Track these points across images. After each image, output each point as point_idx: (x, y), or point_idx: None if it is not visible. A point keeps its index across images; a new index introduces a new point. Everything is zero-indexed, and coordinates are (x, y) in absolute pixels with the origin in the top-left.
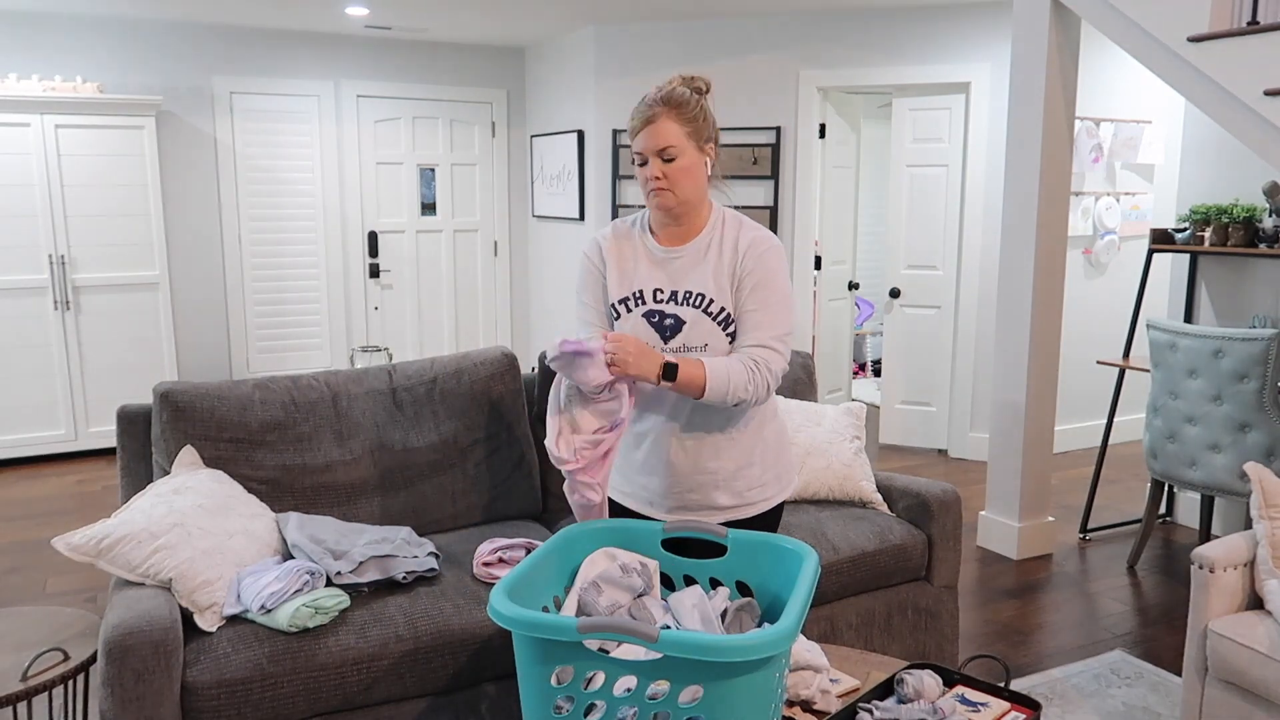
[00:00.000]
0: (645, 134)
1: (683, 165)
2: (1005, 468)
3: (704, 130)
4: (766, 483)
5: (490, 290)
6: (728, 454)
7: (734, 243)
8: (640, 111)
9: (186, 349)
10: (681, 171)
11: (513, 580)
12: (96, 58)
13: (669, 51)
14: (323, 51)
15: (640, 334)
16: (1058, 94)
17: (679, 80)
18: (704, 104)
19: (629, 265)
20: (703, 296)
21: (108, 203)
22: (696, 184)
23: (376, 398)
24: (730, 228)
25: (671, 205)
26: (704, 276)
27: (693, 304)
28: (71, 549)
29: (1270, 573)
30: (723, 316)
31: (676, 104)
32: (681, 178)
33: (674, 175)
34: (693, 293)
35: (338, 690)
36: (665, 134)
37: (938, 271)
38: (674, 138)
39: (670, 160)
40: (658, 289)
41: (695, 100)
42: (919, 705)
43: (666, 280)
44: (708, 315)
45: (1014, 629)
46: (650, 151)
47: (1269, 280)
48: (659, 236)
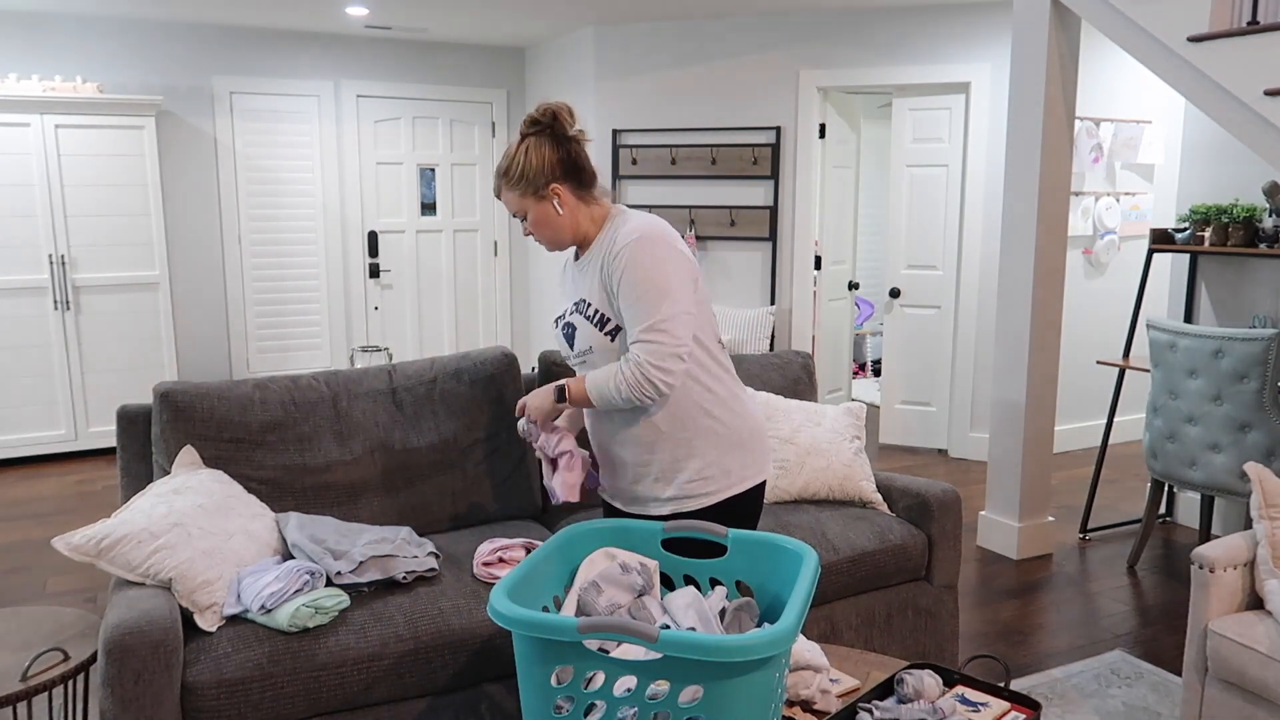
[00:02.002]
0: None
1: (533, 219)
2: (1005, 468)
3: (536, 180)
4: (710, 477)
5: (490, 290)
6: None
7: (608, 247)
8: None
9: (186, 349)
10: (535, 225)
11: (513, 580)
12: (96, 58)
13: (669, 51)
14: (323, 51)
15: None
16: (1058, 94)
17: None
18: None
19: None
20: (586, 302)
21: (108, 203)
22: (553, 226)
23: (376, 398)
24: (607, 233)
25: (549, 249)
26: (590, 284)
27: (581, 311)
28: (71, 549)
29: (1270, 573)
30: (598, 319)
31: (503, 171)
32: (538, 229)
33: (533, 230)
34: (581, 300)
35: (338, 690)
36: (509, 202)
37: (938, 271)
38: (514, 203)
39: (525, 219)
40: (570, 304)
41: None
42: (919, 705)
43: (574, 291)
44: (588, 320)
45: (1014, 629)
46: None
47: (1269, 280)
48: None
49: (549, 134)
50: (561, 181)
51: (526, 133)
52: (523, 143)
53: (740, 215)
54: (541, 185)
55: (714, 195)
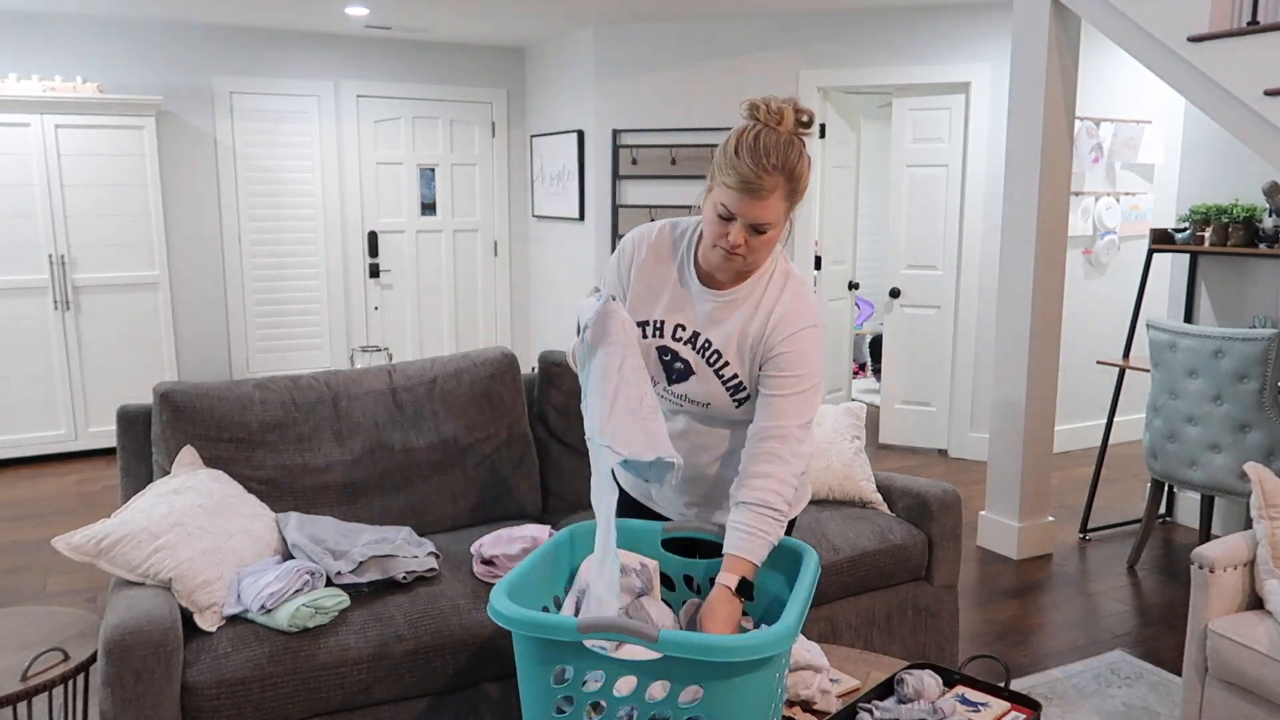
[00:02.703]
0: (746, 203)
1: (769, 237)
2: (1005, 468)
3: (802, 197)
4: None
5: (490, 290)
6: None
7: (768, 312)
8: (749, 170)
9: (186, 349)
10: (765, 243)
11: (513, 580)
12: (96, 58)
13: (669, 51)
14: (323, 51)
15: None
16: (1058, 94)
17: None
18: (806, 150)
19: (658, 285)
20: (719, 355)
21: (108, 203)
22: (769, 254)
23: (376, 398)
24: (774, 288)
25: (740, 269)
26: (728, 336)
27: (708, 360)
28: (71, 549)
29: (1270, 573)
30: (734, 384)
31: (793, 174)
32: (762, 248)
33: (757, 246)
34: (711, 345)
35: (338, 690)
36: (768, 211)
37: (938, 271)
38: (774, 215)
39: (761, 233)
40: (680, 325)
41: (805, 161)
42: (919, 705)
43: (692, 319)
44: (719, 377)
45: (1014, 629)
46: (742, 218)
47: (1269, 280)
48: (702, 272)
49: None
50: None
51: (806, 133)
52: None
53: None
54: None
55: None
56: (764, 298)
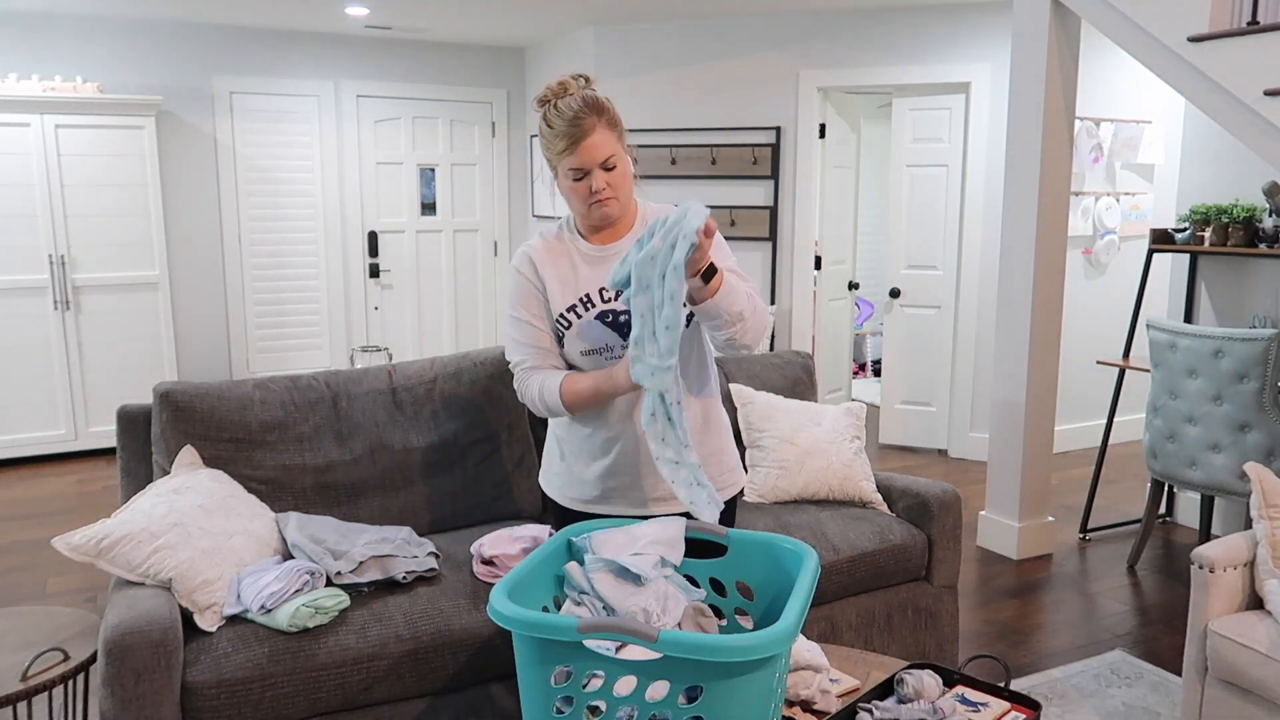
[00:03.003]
0: (583, 148)
1: (621, 171)
2: (1005, 468)
3: (624, 133)
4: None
5: (490, 290)
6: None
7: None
8: (565, 127)
9: (186, 349)
10: (622, 177)
11: (513, 580)
12: (96, 58)
13: (669, 51)
14: (323, 51)
15: (598, 336)
16: (1058, 94)
17: (574, 84)
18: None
19: (566, 273)
20: None
21: (108, 203)
22: (630, 185)
23: (376, 398)
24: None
25: (616, 212)
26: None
27: None
28: (71, 549)
29: (1270, 573)
30: None
31: (602, 109)
32: (622, 184)
33: (615, 183)
34: None
35: (338, 690)
36: (603, 144)
37: (938, 271)
38: (610, 145)
39: (611, 169)
40: (602, 289)
41: (606, 102)
42: (919, 705)
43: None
44: None
45: (1014, 629)
46: (592, 165)
47: (1269, 280)
48: (590, 238)
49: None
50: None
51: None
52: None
53: (740, 215)
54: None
55: (714, 195)
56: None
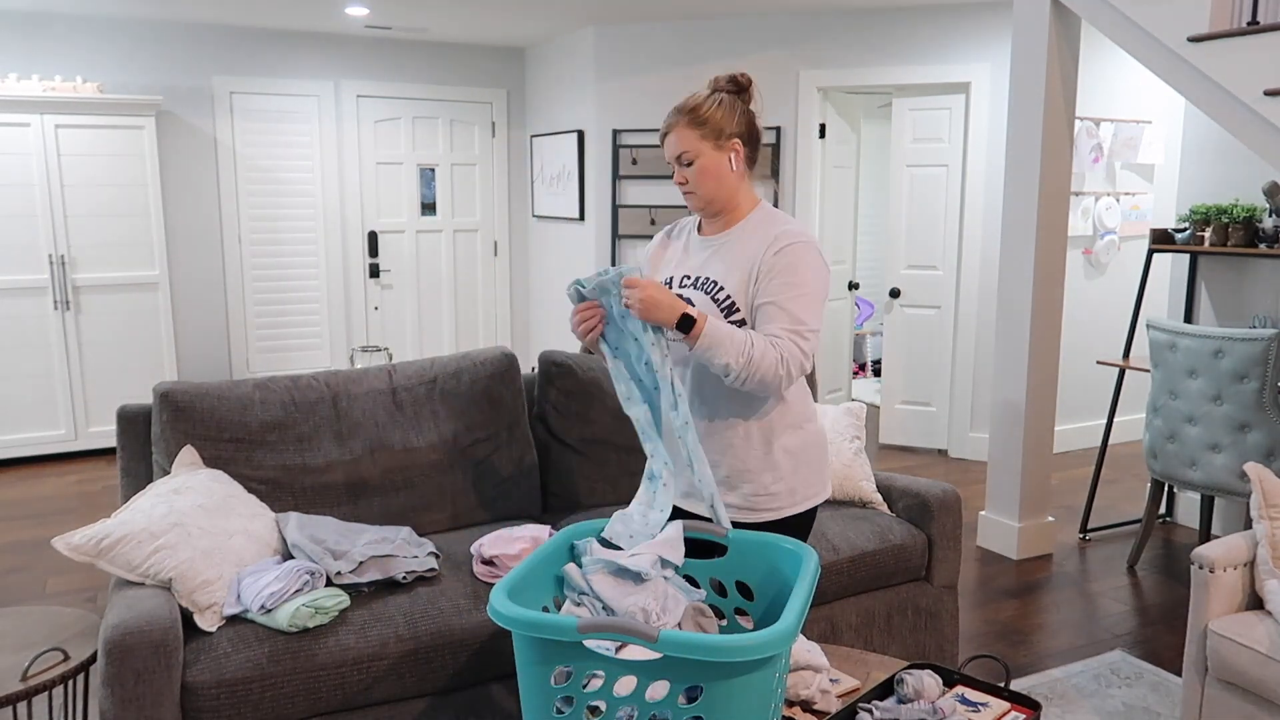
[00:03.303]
0: (665, 144)
1: (701, 166)
2: (1005, 468)
3: (723, 128)
4: (777, 493)
5: (490, 290)
6: (738, 450)
7: (765, 236)
8: (662, 126)
9: (186, 349)
10: (700, 173)
11: (513, 580)
12: (96, 58)
13: (669, 51)
14: (323, 51)
15: None
16: (1058, 94)
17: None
18: (725, 100)
19: (671, 255)
20: (714, 283)
21: (108, 203)
22: (720, 182)
23: (376, 398)
24: (767, 222)
25: (698, 206)
26: (727, 266)
27: (703, 288)
28: (71, 549)
29: (1270, 573)
30: (727, 304)
31: (689, 109)
32: (701, 179)
33: (694, 178)
34: (705, 278)
35: (338, 690)
36: (679, 141)
37: (938, 271)
38: (687, 143)
39: (689, 164)
40: (685, 275)
41: (711, 100)
42: (919, 705)
43: (693, 267)
44: (714, 301)
45: (1014, 629)
46: (671, 159)
47: (1269, 280)
48: (703, 229)
49: (741, 98)
50: (743, 144)
51: (721, 88)
52: (714, 94)
53: None
54: (724, 136)
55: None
56: (759, 230)
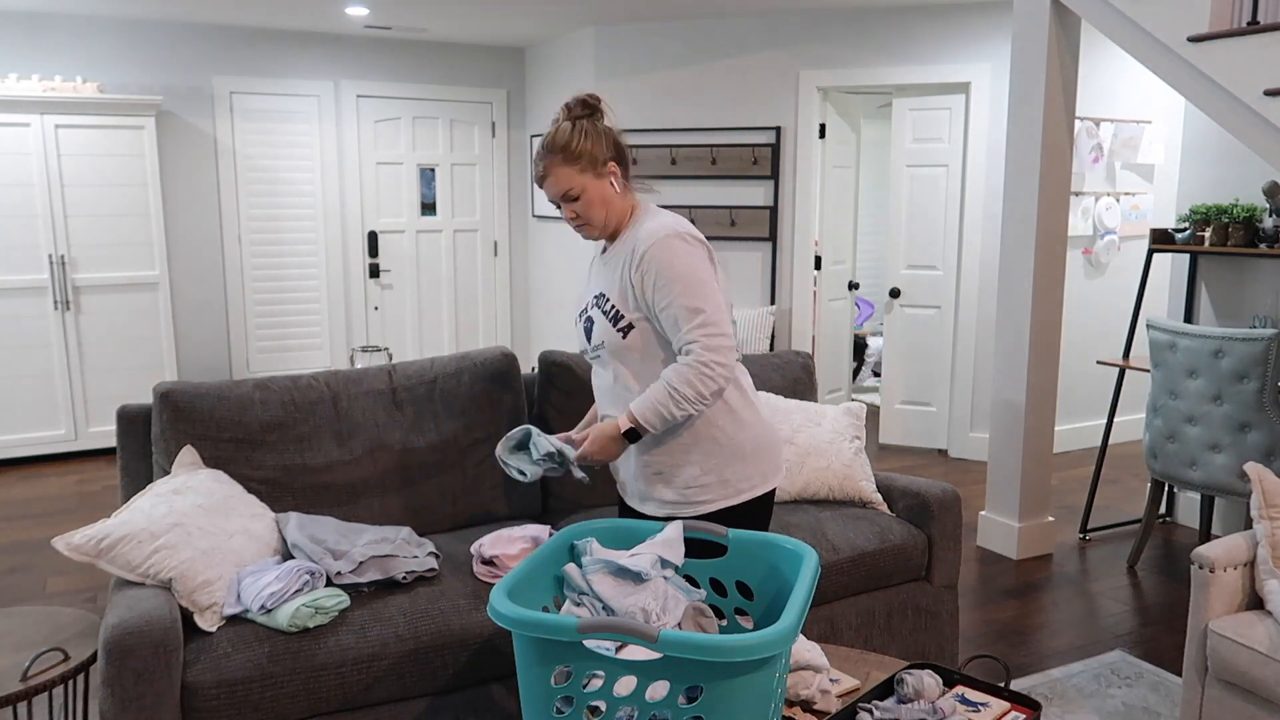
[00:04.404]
0: (546, 187)
1: (588, 199)
2: (1005, 468)
3: (596, 156)
4: (707, 485)
5: (490, 290)
6: (663, 448)
7: (631, 243)
8: (535, 165)
9: (186, 349)
10: (588, 205)
11: (513, 580)
12: (96, 58)
13: (669, 51)
14: (323, 51)
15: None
16: (1058, 94)
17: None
18: (587, 128)
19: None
20: (604, 297)
21: (108, 203)
22: (609, 207)
23: (376, 398)
24: (632, 229)
25: (596, 234)
26: (611, 278)
27: (598, 305)
28: (71, 549)
29: (1270, 573)
30: (613, 314)
31: (559, 147)
32: (592, 210)
33: (584, 211)
34: (600, 294)
35: (338, 690)
36: (561, 180)
37: (938, 271)
38: (568, 180)
39: (575, 199)
40: (590, 297)
41: (576, 131)
42: (919, 705)
43: (596, 286)
44: (605, 315)
45: (1014, 629)
46: (556, 198)
47: (1269, 280)
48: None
49: (599, 118)
50: (617, 163)
51: (579, 115)
52: (576, 124)
53: (740, 215)
54: (600, 163)
55: (714, 195)
56: (630, 237)
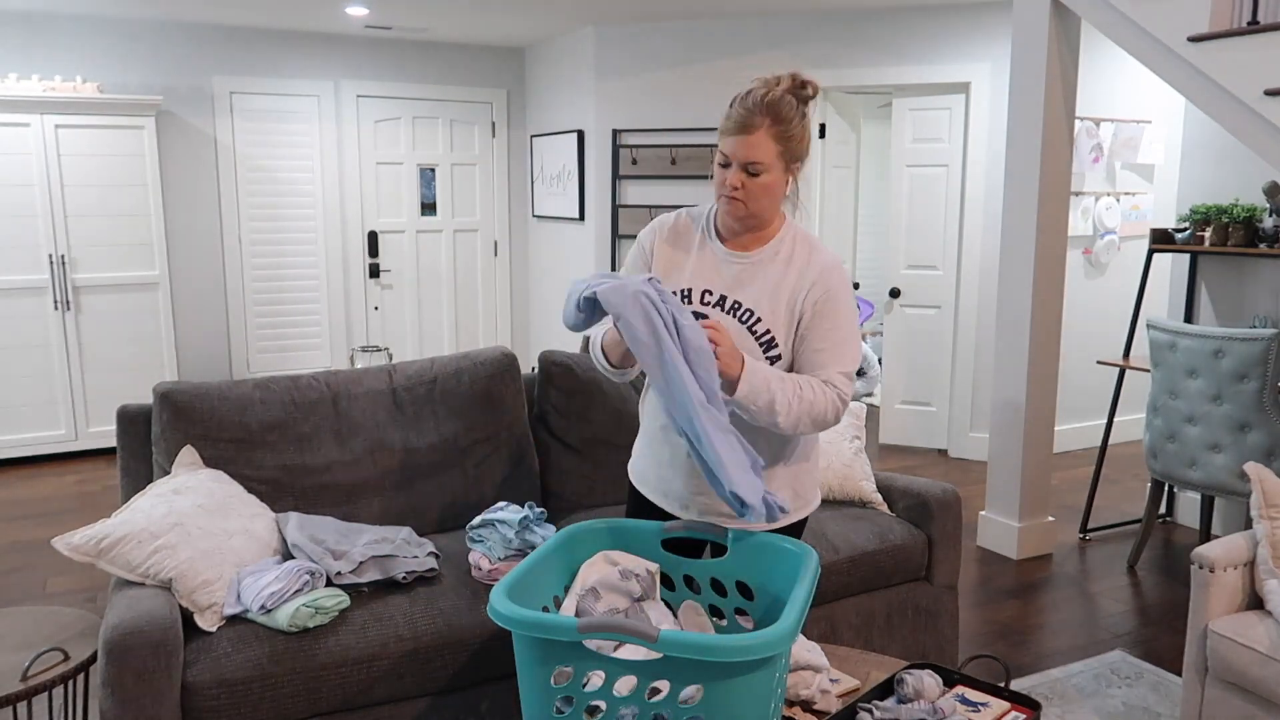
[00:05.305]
0: (737, 142)
1: (765, 182)
2: (1005, 468)
3: (797, 150)
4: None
5: (490, 290)
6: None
7: (802, 267)
8: (739, 114)
9: (186, 349)
10: (762, 188)
11: (513, 580)
12: (96, 58)
13: (669, 51)
14: (323, 51)
15: None
16: (1058, 94)
17: (789, 83)
18: (805, 120)
19: (681, 259)
20: (751, 313)
21: (108, 202)
22: (773, 201)
23: (376, 398)
24: (801, 248)
25: (741, 215)
26: (759, 293)
27: (739, 317)
28: (71, 549)
29: (1270, 573)
30: (766, 338)
31: (780, 118)
32: (760, 194)
33: (753, 189)
34: (742, 305)
35: (338, 690)
36: (757, 149)
37: (938, 271)
38: (765, 155)
39: (755, 175)
40: (707, 290)
41: (799, 116)
42: (919, 705)
43: (720, 284)
44: (751, 333)
45: (1014, 629)
46: (736, 159)
47: (1269, 280)
48: (724, 237)
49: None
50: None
51: (806, 97)
52: (800, 106)
53: None
54: (796, 159)
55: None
56: (794, 255)
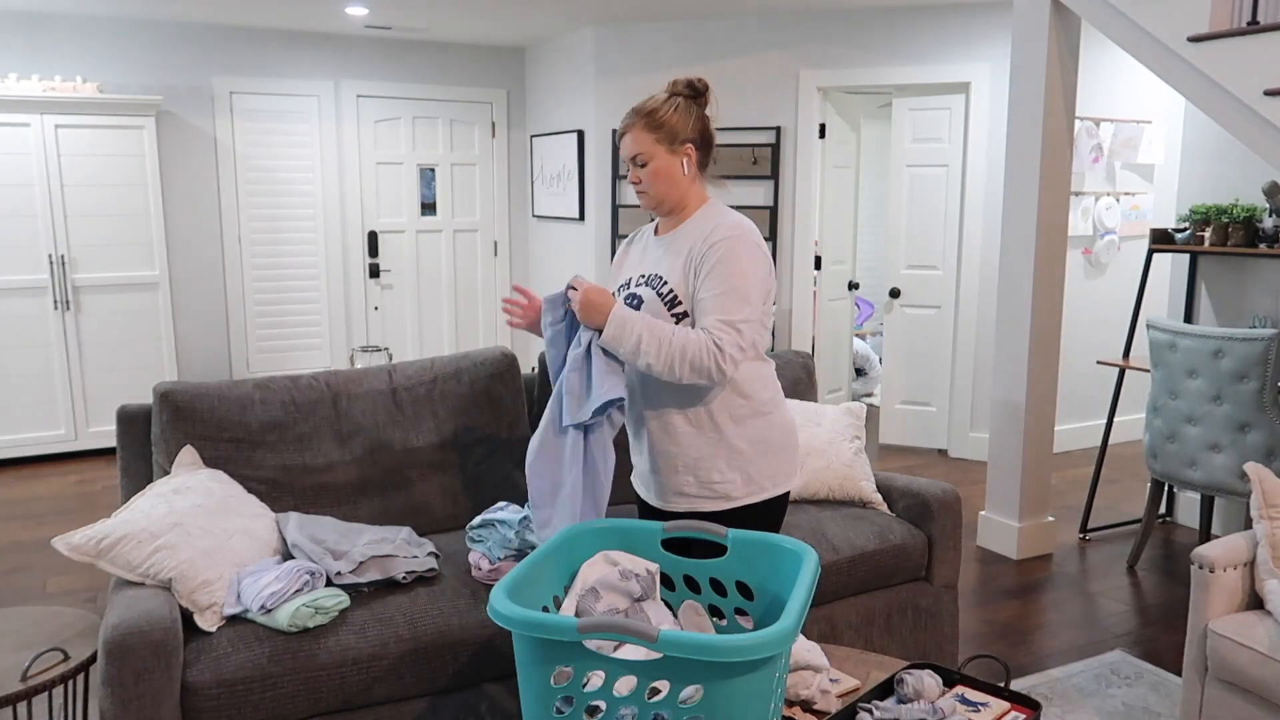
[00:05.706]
0: (622, 145)
1: (653, 169)
2: (1005, 468)
3: (678, 132)
4: (732, 480)
5: (490, 290)
6: (688, 439)
7: (706, 233)
8: (621, 122)
9: (186, 349)
10: (653, 175)
11: (513, 580)
12: (96, 58)
13: (669, 51)
14: (323, 51)
15: None
16: (1058, 94)
17: (669, 85)
18: (681, 104)
19: (631, 259)
20: (659, 278)
21: (108, 203)
22: (672, 184)
23: (376, 398)
24: (704, 217)
25: (650, 205)
26: (672, 263)
27: (650, 284)
28: (71, 549)
29: (1270, 573)
30: (670, 297)
31: (646, 112)
32: (654, 180)
33: (647, 179)
34: (650, 274)
35: (338, 690)
36: (635, 143)
37: (938, 271)
38: (642, 145)
39: (643, 166)
40: (641, 274)
41: (669, 104)
42: (919, 705)
43: (647, 266)
44: (659, 296)
45: (1014, 629)
46: (626, 159)
47: (1269, 280)
48: (659, 229)
49: (697, 103)
50: (696, 148)
51: (679, 93)
52: (672, 99)
53: None
54: (678, 141)
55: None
56: (699, 224)
